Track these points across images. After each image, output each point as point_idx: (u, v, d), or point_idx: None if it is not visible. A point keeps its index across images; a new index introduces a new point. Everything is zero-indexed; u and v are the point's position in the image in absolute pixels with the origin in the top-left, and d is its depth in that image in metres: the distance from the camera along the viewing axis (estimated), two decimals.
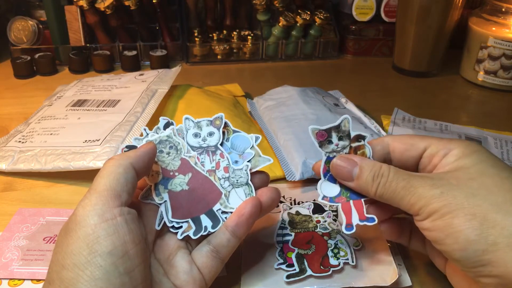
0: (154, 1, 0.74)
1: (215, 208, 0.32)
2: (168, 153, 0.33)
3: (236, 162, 0.33)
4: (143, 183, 0.33)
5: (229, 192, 0.33)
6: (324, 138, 0.33)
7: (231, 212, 0.32)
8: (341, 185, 0.34)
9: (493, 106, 0.67)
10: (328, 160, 0.33)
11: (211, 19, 0.79)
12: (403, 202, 0.30)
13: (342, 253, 0.36)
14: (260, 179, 0.34)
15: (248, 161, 0.33)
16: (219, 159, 0.33)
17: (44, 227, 0.40)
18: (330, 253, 0.36)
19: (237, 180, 0.33)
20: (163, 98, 0.54)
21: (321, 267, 0.35)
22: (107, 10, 0.71)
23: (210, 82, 0.69)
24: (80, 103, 0.55)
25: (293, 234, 0.38)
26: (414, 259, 0.37)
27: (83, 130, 0.49)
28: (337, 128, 0.33)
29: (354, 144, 0.33)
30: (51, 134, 0.49)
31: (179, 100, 0.57)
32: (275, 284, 0.34)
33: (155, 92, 0.56)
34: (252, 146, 0.34)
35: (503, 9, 0.68)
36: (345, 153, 0.33)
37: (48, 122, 0.52)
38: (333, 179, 0.34)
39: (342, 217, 0.33)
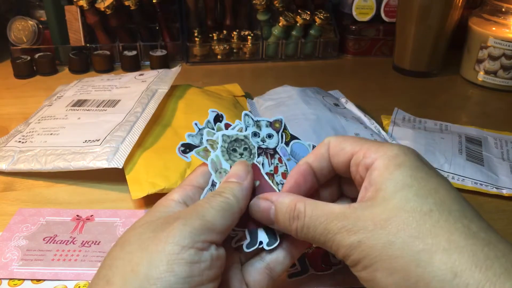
0: (154, 1, 0.74)
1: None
2: (241, 154, 0.31)
3: None
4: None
5: None
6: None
7: None
8: None
9: (493, 106, 0.67)
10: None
11: (211, 19, 0.79)
12: (327, 247, 0.27)
13: None
14: None
15: None
16: (277, 164, 0.32)
17: (44, 227, 0.40)
18: (330, 253, 0.36)
19: None
20: (163, 98, 0.54)
21: (323, 265, 0.35)
22: (107, 10, 0.71)
23: (210, 82, 0.69)
24: (80, 103, 0.55)
25: None
26: None
27: (83, 130, 0.49)
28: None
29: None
30: (51, 134, 0.49)
31: (179, 100, 0.57)
32: (276, 284, 0.34)
33: (155, 92, 0.56)
34: None
35: (503, 9, 0.68)
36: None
37: (48, 122, 0.52)
38: None
39: None
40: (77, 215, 0.41)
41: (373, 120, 0.55)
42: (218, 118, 0.32)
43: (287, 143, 0.32)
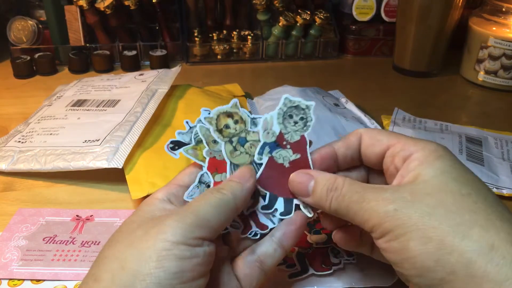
0: (154, 1, 0.74)
1: (295, 201, 0.31)
2: (296, 123, 0.31)
3: None
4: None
5: None
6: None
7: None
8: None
9: (493, 106, 0.67)
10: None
11: (211, 19, 0.79)
12: (357, 218, 0.27)
13: (342, 253, 0.36)
14: None
15: None
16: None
17: (44, 227, 0.40)
18: (330, 253, 0.36)
19: None
20: (163, 98, 0.54)
21: (323, 265, 0.35)
22: (107, 10, 0.71)
23: (210, 82, 0.69)
24: (80, 103, 0.55)
25: None
26: None
27: (82, 130, 0.49)
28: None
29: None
30: (50, 134, 0.49)
31: (179, 100, 0.57)
32: (276, 284, 0.34)
33: (155, 92, 0.56)
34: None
35: (503, 9, 0.68)
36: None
37: (47, 122, 0.51)
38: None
39: None
40: (77, 215, 0.41)
41: (373, 120, 0.55)
42: None
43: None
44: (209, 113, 0.31)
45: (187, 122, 0.31)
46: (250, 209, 0.31)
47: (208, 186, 0.30)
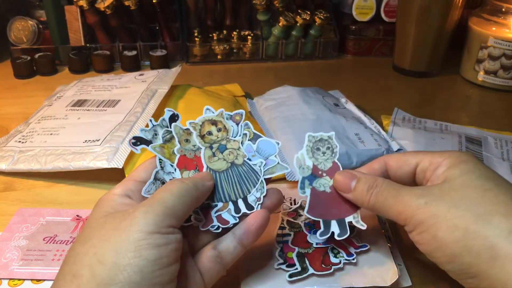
0: (154, 1, 0.74)
1: (347, 219, 0.34)
2: (324, 153, 0.35)
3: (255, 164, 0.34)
4: None
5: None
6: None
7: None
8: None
9: (493, 106, 0.67)
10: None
11: (211, 19, 0.79)
12: (392, 210, 0.31)
13: (342, 253, 0.36)
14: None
15: (266, 167, 0.34)
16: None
17: (44, 227, 0.40)
18: (330, 253, 0.36)
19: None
20: (163, 98, 0.54)
21: (323, 265, 0.35)
22: (107, 10, 0.71)
23: (210, 82, 0.69)
24: (80, 103, 0.55)
25: (292, 233, 0.38)
26: (414, 259, 0.37)
27: (83, 130, 0.49)
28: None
29: None
30: (51, 134, 0.49)
31: (179, 100, 0.57)
32: (275, 285, 0.34)
33: (155, 92, 0.56)
34: (276, 154, 0.34)
35: (503, 9, 0.68)
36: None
37: (48, 122, 0.52)
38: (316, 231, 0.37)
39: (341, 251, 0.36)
40: (77, 215, 0.41)
41: (373, 120, 0.55)
42: (173, 118, 0.33)
43: (251, 141, 0.34)
44: (172, 113, 0.33)
45: (151, 121, 0.33)
46: (218, 212, 0.32)
47: (163, 182, 0.32)
